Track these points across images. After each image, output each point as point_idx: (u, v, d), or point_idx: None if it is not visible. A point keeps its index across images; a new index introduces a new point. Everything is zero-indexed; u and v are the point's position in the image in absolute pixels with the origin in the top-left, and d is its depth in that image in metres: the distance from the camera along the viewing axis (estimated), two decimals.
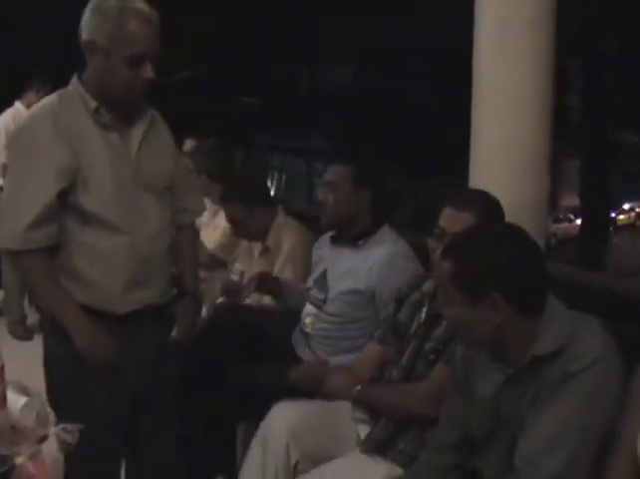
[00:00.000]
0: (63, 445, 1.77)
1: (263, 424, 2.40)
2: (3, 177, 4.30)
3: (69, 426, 1.78)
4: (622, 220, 22.13)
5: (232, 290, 3.53)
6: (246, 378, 2.86)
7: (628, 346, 1.88)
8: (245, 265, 3.79)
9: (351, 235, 2.93)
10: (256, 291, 3.30)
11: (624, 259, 16.57)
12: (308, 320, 2.98)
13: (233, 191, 3.63)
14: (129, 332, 2.27)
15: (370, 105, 16.37)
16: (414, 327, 2.43)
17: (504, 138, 2.60)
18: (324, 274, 2.96)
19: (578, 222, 17.92)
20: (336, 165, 2.96)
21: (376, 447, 2.34)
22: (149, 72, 2.16)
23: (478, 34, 2.66)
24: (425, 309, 2.42)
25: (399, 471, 2.25)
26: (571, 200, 18.87)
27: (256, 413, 2.81)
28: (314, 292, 3.00)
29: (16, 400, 1.78)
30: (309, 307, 3.01)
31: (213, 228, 4.15)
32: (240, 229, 3.61)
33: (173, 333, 2.41)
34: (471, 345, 1.96)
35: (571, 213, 20.12)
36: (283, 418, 2.37)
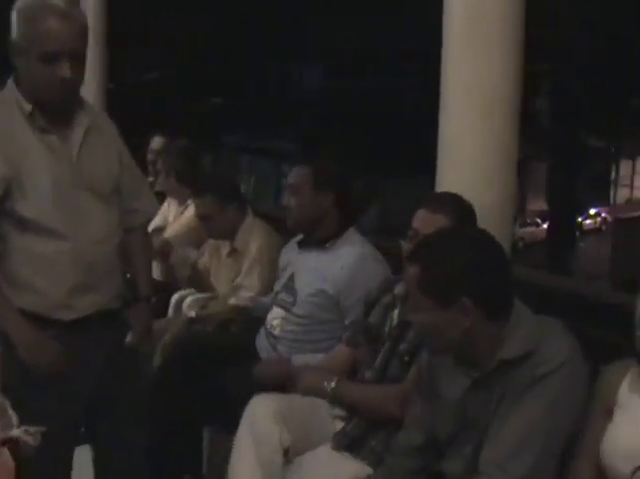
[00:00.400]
0: (25, 447, 1.76)
1: (247, 413, 2.35)
2: None
3: (31, 429, 1.77)
4: (589, 224, 22.40)
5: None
6: (214, 382, 2.85)
7: (593, 349, 1.89)
8: (212, 264, 3.78)
9: (317, 237, 2.92)
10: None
11: (590, 264, 16.76)
12: (276, 323, 2.96)
13: (206, 185, 3.62)
14: (76, 339, 2.22)
15: (339, 105, 16.41)
16: (386, 329, 2.42)
17: (472, 140, 2.57)
18: (292, 278, 2.95)
19: (545, 226, 18.08)
20: (297, 167, 2.96)
21: (347, 444, 2.34)
22: (64, 70, 2.06)
23: (446, 35, 2.65)
24: (397, 311, 2.42)
25: (368, 470, 2.25)
26: (538, 204, 19.03)
27: (223, 416, 2.84)
28: (282, 296, 2.98)
29: None
30: (277, 310, 2.99)
31: (179, 224, 4.13)
32: (210, 225, 3.58)
33: (127, 339, 2.37)
34: (438, 350, 1.95)
35: (538, 217, 20.30)
36: (267, 406, 2.35)
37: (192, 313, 3.49)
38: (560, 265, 14.39)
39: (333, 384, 2.41)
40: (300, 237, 3.04)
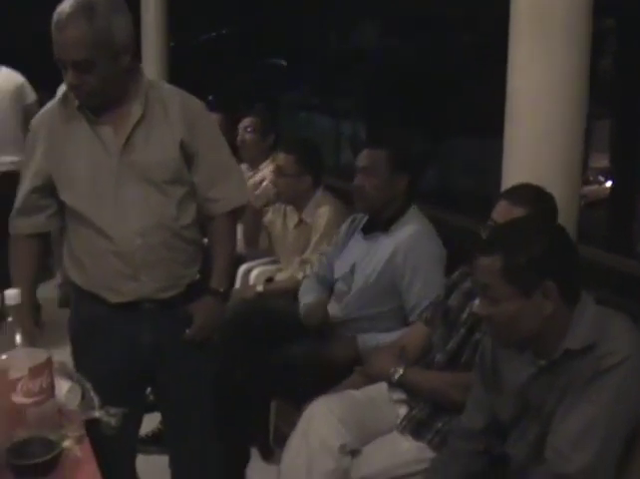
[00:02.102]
0: (106, 428, 1.86)
1: (306, 414, 2.40)
2: None
3: (112, 410, 1.86)
4: None
5: None
6: (281, 355, 2.93)
7: None
8: (279, 232, 3.83)
9: (383, 218, 2.95)
10: None
11: None
12: (337, 312, 3.03)
13: (296, 145, 3.67)
14: (125, 320, 2.30)
15: (397, 64, 16.17)
16: (464, 316, 2.42)
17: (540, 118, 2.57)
18: (352, 264, 2.99)
19: (608, 184, 17.68)
20: (372, 149, 2.94)
21: (413, 428, 2.38)
22: (68, 78, 2.13)
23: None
24: (477, 300, 2.42)
25: (431, 453, 2.30)
26: (601, 161, 18.63)
27: (290, 389, 2.91)
28: (339, 285, 3.04)
29: (61, 385, 1.87)
30: (337, 294, 3.06)
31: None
32: (283, 183, 3.60)
33: (187, 331, 2.37)
34: (511, 342, 1.94)
35: (601, 174, 19.87)
36: (327, 407, 2.38)
37: (260, 288, 3.55)
38: (623, 226, 14.11)
39: (401, 371, 2.45)
40: (363, 219, 3.07)
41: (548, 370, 1.88)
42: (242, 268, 3.90)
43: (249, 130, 4.24)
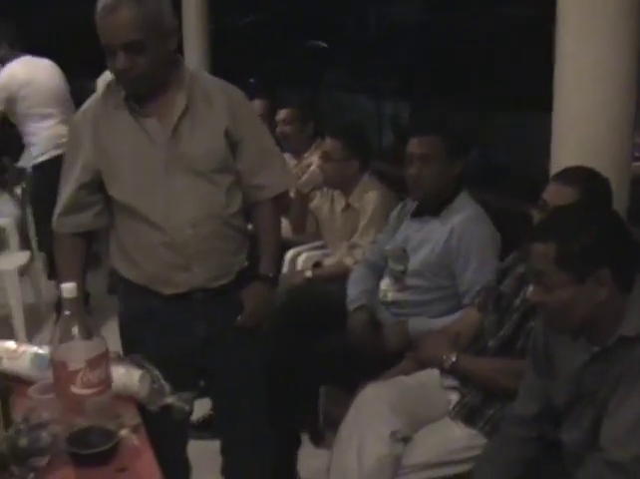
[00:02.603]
0: (178, 412, 1.89)
1: (357, 403, 2.41)
2: None
3: (184, 395, 1.90)
4: None
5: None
6: (329, 342, 2.94)
7: None
8: (325, 217, 3.84)
9: (434, 204, 2.93)
10: None
11: None
12: (387, 290, 3.03)
13: (343, 130, 3.67)
14: (179, 311, 2.33)
15: (438, 40, 15.97)
16: (517, 302, 2.40)
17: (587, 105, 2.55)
18: (404, 249, 2.98)
19: None
20: (424, 136, 2.90)
21: (465, 414, 2.38)
22: (118, 62, 2.12)
23: None
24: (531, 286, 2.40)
25: (482, 440, 2.30)
26: None
27: (339, 375, 2.93)
28: (392, 264, 3.02)
29: (132, 373, 1.92)
30: (387, 280, 3.05)
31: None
32: (330, 169, 3.61)
33: (238, 318, 2.39)
34: (565, 329, 1.93)
35: None
36: (377, 394, 2.40)
37: (309, 273, 3.56)
38: None
39: (453, 358, 2.44)
40: (413, 204, 3.06)
41: (602, 357, 1.87)
42: (290, 254, 3.92)
43: (287, 122, 4.24)
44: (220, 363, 2.43)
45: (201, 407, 3.10)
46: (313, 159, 4.00)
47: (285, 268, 3.88)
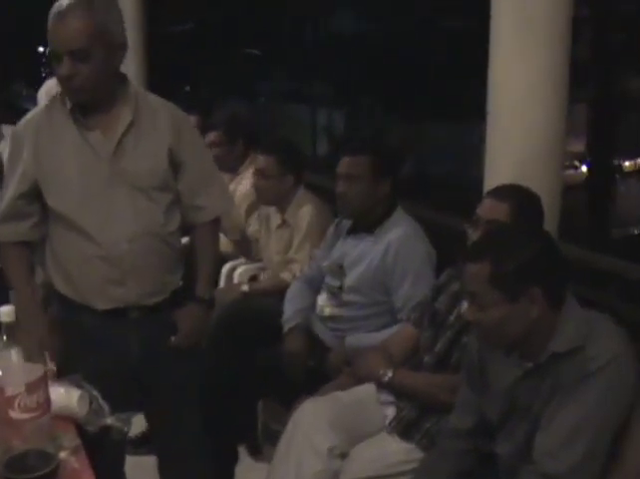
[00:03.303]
0: (116, 433, 1.89)
1: (295, 417, 2.44)
2: None
3: (122, 415, 1.89)
4: (629, 167, 21.85)
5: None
6: (266, 356, 2.96)
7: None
8: (262, 235, 3.83)
9: (369, 222, 2.97)
10: None
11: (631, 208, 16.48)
12: (326, 309, 3.06)
13: (276, 145, 3.65)
14: (112, 326, 2.32)
15: (372, 50, 16.13)
16: (452, 318, 2.45)
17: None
18: (341, 265, 3.00)
19: (584, 169, 17.79)
20: (354, 156, 2.94)
21: (402, 429, 2.41)
22: (62, 68, 2.13)
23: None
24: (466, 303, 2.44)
25: (419, 454, 2.34)
26: (577, 146, 18.68)
27: (276, 390, 2.95)
28: (329, 280, 3.05)
29: (71, 393, 1.91)
30: (324, 295, 3.08)
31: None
32: (264, 186, 3.58)
33: (172, 338, 2.39)
34: (499, 345, 1.98)
35: (577, 159, 19.92)
36: (315, 410, 2.42)
37: (245, 288, 3.57)
38: (599, 211, 14.24)
39: (390, 374, 2.47)
40: (348, 222, 3.08)
41: (535, 373, 1.92)
42: (226, 267, 3.91)
43: (215, 144, 4.23)
44: (155, 380, 2.43)
45: (139, 422, 3.08)
46: (247, 174, 4.02)
47: (222, 282, 3.87)
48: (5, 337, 1.64)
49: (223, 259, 3.94)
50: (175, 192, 2.35)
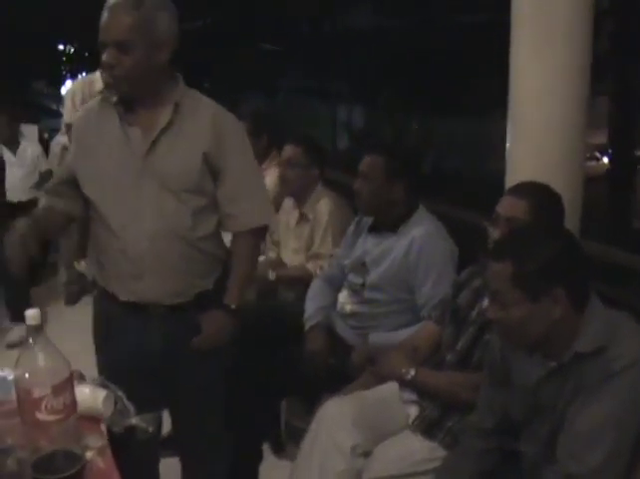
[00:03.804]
0: (141, 433, 1.90)
1: (319, 416, 2.44)
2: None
3: (147, 416, 1.91)
4: None
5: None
6: (288, 359, 2.98)
7: None
8: (281, 233, 3.85)
9: (389, 221, 2.99)
10: None
11: None
12: (347, 307, 3.07)
13: (305, 138, 3.70)
14: (131, 321, 2.36)
15: (392, 44, 16.06)
16: (474, 314, 2.45)
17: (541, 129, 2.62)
18: (363, 262, 3.02)
19: (605, 160, 17.66)
20: (370, 155, 2.98)
21: (424, 428, 2.42)
22: (105, 57, 2.21)
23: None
24: (487, 300, 2.39)
25: (442, 452, 2.34)
26: (599, 137, 18.54)
27: (297, 388, 2.99)
28: (351, 277, 3.07)
29: (96, 394, 1.93)
30: (345, 292, 3.10)
31: None
32: (291, 174, 3.61)
33: (194, 339, 2.39)
34: (521, 344, 1.98)
35: (598, 151, 19.78)
36: (338, 409, 2.42)
37: (272, 275, 3.57)
38: (620, 202, 14.12)
39: (412, 373, 2.47)
40: (369, 219, 3.11)
41: (558, 373, 1.92)
42: None
43: None
44: (177, 380, 2.44)
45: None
46: (269, 171, 4.03)
47: None
48: (31, 340, 1.66)
49: None
50: (211, 197, 2.34)
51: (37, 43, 16.14)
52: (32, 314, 1.66)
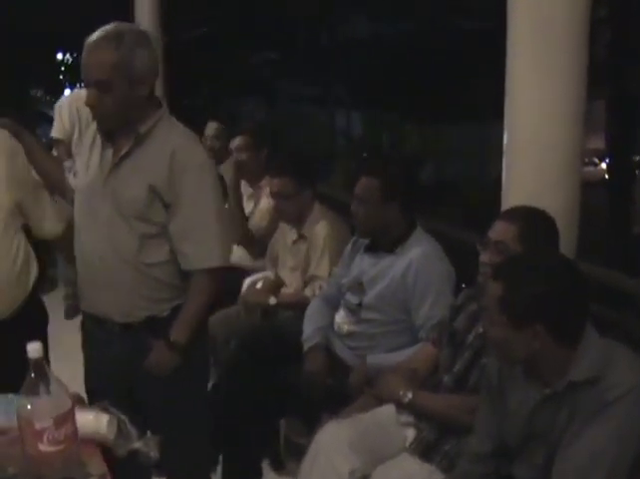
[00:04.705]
0: (145, 457, 1.92)
1: (317, 439, 2.46)
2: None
3: (150, 440, 1.93)
4: None
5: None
6: (287, 379, 3.00)
7: None
8: (279, 252, 3.86)
9: (386, 242, 3.00)
10: None
11: None
12: (344, 327, 3.09)
13: (287, 166, 3.65)
14: (95, 332, 2.50)
15: (387, 52, 16.09)
16: (470, 338, 2.47)
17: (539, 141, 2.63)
18: (360, 282, 3.03)
19: (603, 165, 17.67)
20: (365, 177, 2.98)
21: (422, 450, 2.43)
22: (88, 97, 2.31)
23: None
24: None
25: (440, 475, 2.35)
26: (596, 142, 18.53)
27: (296, 408, 3.03)
28: (348, 297, 3.08)
29: (100, 418, 1.94)
30: (342, 312, 3.11)
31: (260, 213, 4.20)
32: (284, 206, 3.61)
33: (144, 363, 2.43)
34: (507, 362, 2.03)
35: (596, 156, 19.75)
36: (336, 433, 2.44)
37: (273, 300, 3.58)
38: (619, 207, 14.14)
39: (410, 395, 2.49)
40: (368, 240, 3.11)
41: (553, 400, 1.94)
42: (247, 281, 3.94)
43: (242, 149, 4.28)
44: (151, 402, 2.49)
45: None
46: (267, 190, 4.05)
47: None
48: (33, 374, 1.68)
49: (243, 274, 3.98)
50: (162, 227, 2.37)
51: (36, 51, 16.18)
52: (34, 347, 1.68)
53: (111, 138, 2.39)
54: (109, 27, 2.30)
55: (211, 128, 4.99)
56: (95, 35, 2.29)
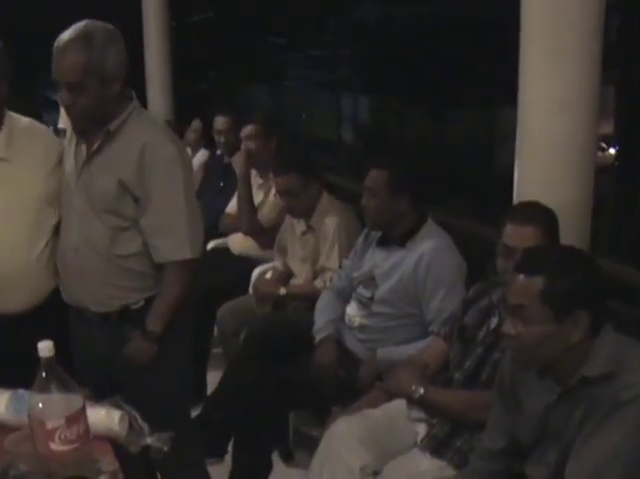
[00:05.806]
0: (157, 453, 1.91)
1: (327, 435, 2.46)
2: None
3: (162, 435, 1.92)
4: None
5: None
6: (297, 371, 3.00)
7: None
8: (288, 243, 3.86)
9: (397, 235, 2.99)
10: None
11: None
12: (356, 320, 3.08)
13: (291, 163, 3.64)
14: (75, 321, 2.55)
15: (398, 36, 15.96)
16: (482, 334, 2.45)
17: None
18: (372, 275, 3.03)
19: (612, 151, 17.58)
20: (374, 170, 2.98)
21: (433, 446, 2.42)
22: (61, 98, 2.33)
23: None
24: (495, 319, 2.42)
25: (451, 472, 2.35)
26: (605, 128, 18.42)
27: (306, 401, 3.05)
28: (360, 290, 3.07)
29: (111, 414, 1.95)
30: (354, 305, 3.10)
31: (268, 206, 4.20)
32: (292, 202, 3.62)
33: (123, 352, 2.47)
34: (530, 366, 1.99)
35: (604, 141, 19.62)
36: (347, 429, 2.43)
37: (283, 291, 3.59)
38: (628, 191, 14.05)
39: (421, 391, 2.48)
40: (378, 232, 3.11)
41: (566, 398, 1.92)
42: (256, 271, 3.95)
43: (251, 138, 4.26)
44: (135, 392, 2.39)
45: None
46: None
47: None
48: (44, 373, 1.67)
49: (253, 264, 3.98)
50: (132, 220, 2.40)
51: (40, 49, 16.12)
52: (45, 346, 1.67)
53: (84, 134, 2.42)
54: (78, 26, 2.29)
55: (219, 122, 4.97)
56: (65, 36, 2.28)
